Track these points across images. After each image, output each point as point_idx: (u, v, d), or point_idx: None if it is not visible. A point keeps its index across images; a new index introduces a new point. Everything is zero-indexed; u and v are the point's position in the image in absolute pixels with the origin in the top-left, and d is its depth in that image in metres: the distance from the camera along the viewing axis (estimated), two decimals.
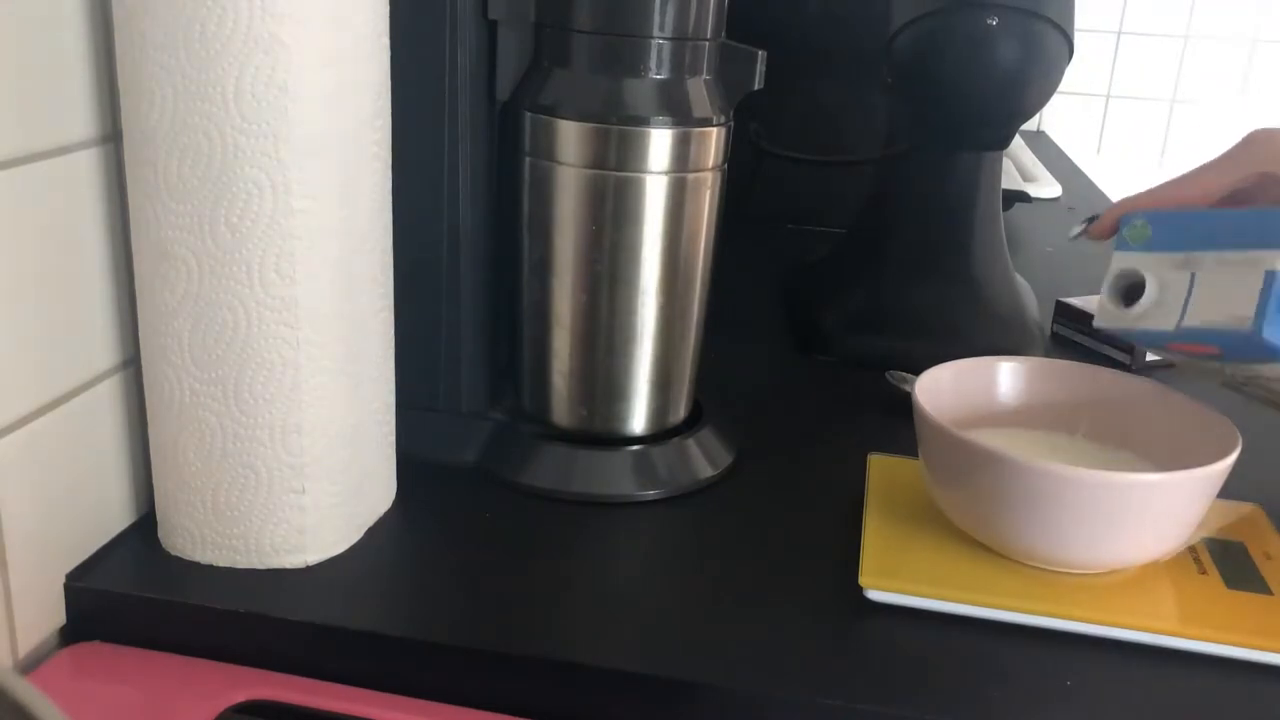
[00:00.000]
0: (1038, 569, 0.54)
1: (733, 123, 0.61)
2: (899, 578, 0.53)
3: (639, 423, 0.64)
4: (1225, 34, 1.99)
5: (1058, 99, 0.85)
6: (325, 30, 0.48)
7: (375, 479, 0.57)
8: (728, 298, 0.70)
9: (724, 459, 0.65)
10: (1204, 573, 0.56)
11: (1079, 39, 0.77)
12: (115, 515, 0.56)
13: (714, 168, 0.61)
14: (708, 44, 0.59)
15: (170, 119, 0.47)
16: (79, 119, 0.50)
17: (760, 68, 0.60)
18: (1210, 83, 2.02)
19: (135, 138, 0.48)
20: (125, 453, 0.56)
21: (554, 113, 0.58)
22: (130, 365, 0.55)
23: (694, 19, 0.58)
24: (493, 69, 0.59)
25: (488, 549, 0.56)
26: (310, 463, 0.52)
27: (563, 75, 0.58)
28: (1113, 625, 0.51)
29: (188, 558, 0.54)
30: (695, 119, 0.59)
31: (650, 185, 0.59)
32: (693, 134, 0.59)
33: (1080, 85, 2.03)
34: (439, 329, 0.62)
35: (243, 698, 0.48)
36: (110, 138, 0.52)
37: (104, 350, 0.53)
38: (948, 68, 0.78)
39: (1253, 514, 0.61)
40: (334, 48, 0.48)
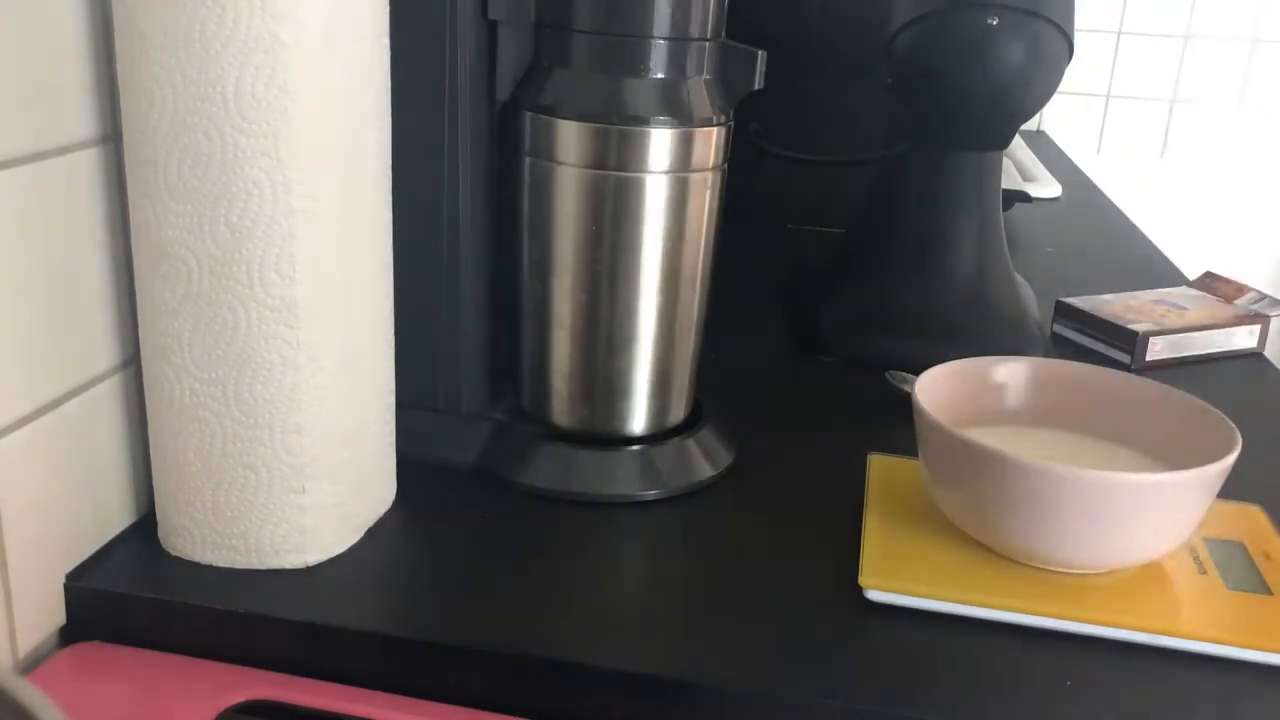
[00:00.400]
0: (1038, 569, 0.54)
1: (733, 123, 0.61)
2: (899, 578, 0.53)
3: (639, 423, 0.64)
4: (1225, 34, 1.99)
5: (1058, 99, 0.85)
6: (325, 30, 0.48)
7: (375, 479, 0.57)
8: (728, 298, 0.70)
9: (724, 459, 0.65)
10: (1204, 573, 0.56)
11: (1079, 39, 0.77)
12: (115, 515, 0.56)
13: (714, 168, 0.61)
14: (708, 44, 0.59)
15: (170, 119, 0.47)
16: (79, 119, 0.50)
17: (760, 68, 0.60)
18: (1210, 83, 2.02)
19: (135, 138, 0.48)
20: (125, 453, 0.56)
21: (554, 113, 0.58)
22: (130, 365, 0.55)
23: (694, 19, 0.58)
24: (493, 69, 0.59)
25: (488, 549, 0.56)
26: (310, 463, 0.52)
27: (563, 75, 0.58)
28: (1113, 625, 0.51)
29: (188, 558, 0.54)
30: (695, 119, 0.59)
31: (650, 185, 0.59)
32: (693, 134, 0.59)
33: (1080, 85, 2.03)
34: (439, 329, 0.62)
35: (243, 698, 0.48)
36: (110, 138, 0.52)
37: (104, 350, 0.53)
38: (948, 68, 0.78)
39: (1253, 514, 0.61)
40: (334, 48, 0.48)
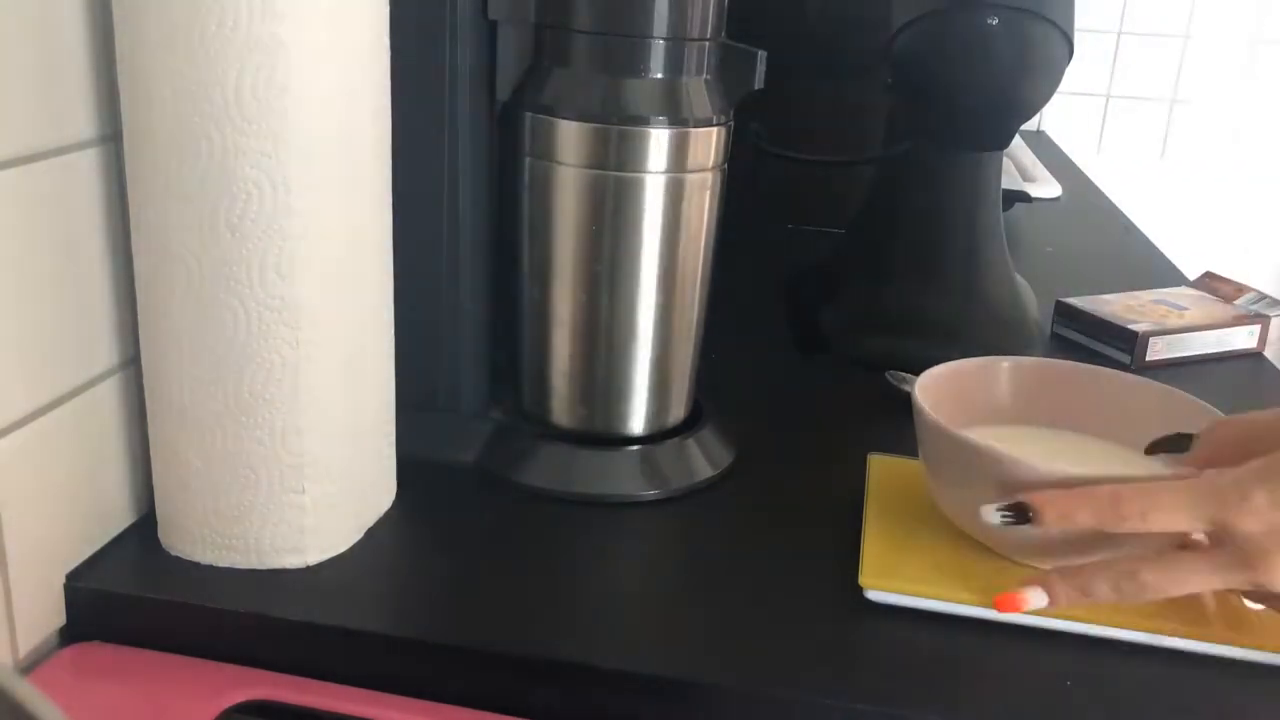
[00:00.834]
0: (1038, 569, 0.54)
1: (733, 123, 0.61)
2: (899, 578, 0.53)
3: (639, 423, 0.64)
4: (1225, 34, 1.99)
5: (1058, 99, 0.85)
6: (325, 30, 0.48)
7: (375, 479, 0.57)
8: (728, 298, 0.70)
9: (724, 459, 0.65)
10: None
11: (1079, 39, 0.77)
12: (115, 515, 0.55)
13: (714, 168, 0.61)
14: (708, 44, 0.59)
15: (170, 119, 0.47)
16: (79, 119, 0.50)
17: (760, 68, 0.60)
18: (1210, 83, 2.02)
19: (135, 138, 0.48)
20: (125, 453, 0.56)
21: (554, 113, 0.58)
22: (130, 365, 0.55)
23: (694, 19, 0.58)
24: (493, 69, 0.59)
25: (488, 549, 0.56)
26: (310, 463, 0.52)
27: (563, 75, 0.58)
28: (1113, 625, 0.51)
29: (188, 558, 0.54)
30: (695, 119, 0.59)
31: (650, 185, 0.59)
32: (693, 134, 0.59)
33: (1080, 85, 2.03)
34: (439, 329, 0.62)
35: (243, 698, 0.48)
36: (110, 138, 0.52)
37: (104, 350, 0.53)
38: (948, 68, 0.78)
39: None
40: (334, 48, 0.48)
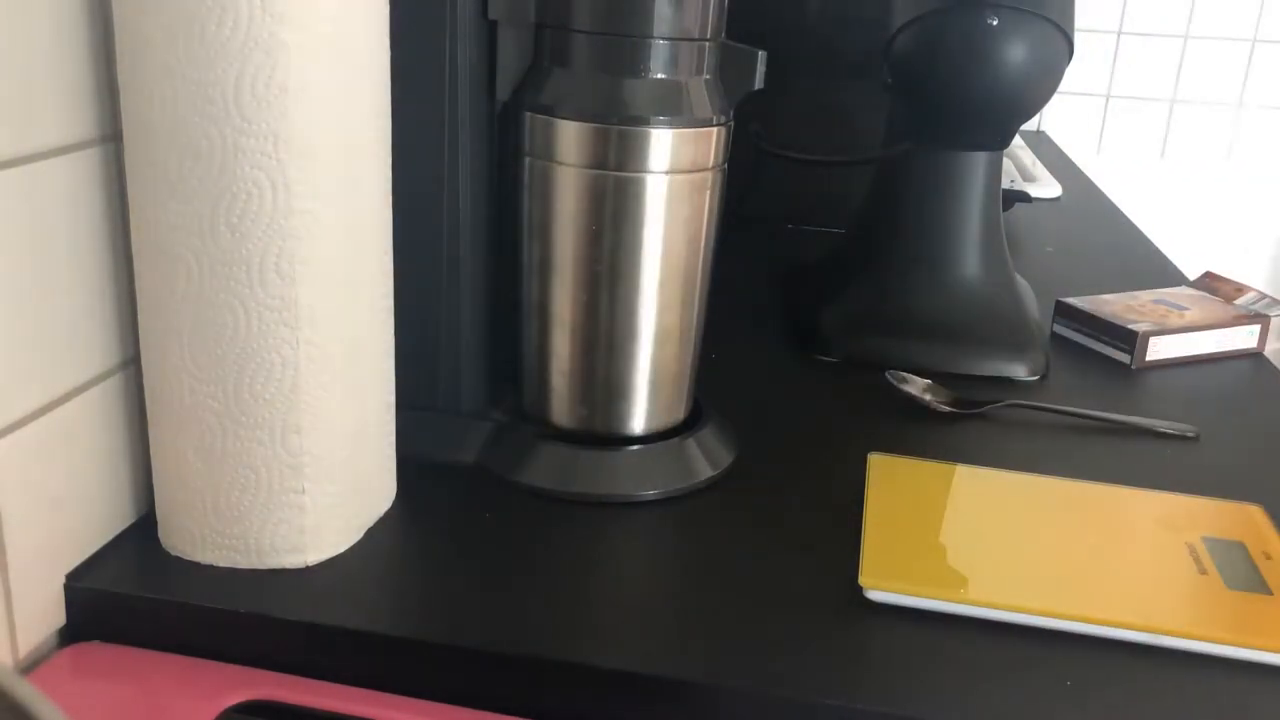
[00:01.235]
0: (1037, 569, 0.54)
1: (733, 123, 0.61)
2: (899, 578, 0.53)
3: (639, 423, 0.64)
4: (1225, 34, 1.99)
5: (1058, 99, 0.85)
6: (325, 30, 0.48)
7: (375, 479, 0.57)
8: (728, 298, 0.70)
9: (724, 459, 0.65)
10: (1204, 573, 0.56)
11: (1079, 39, 0.77)
12: (115, 515, 0.56)
13: (714, 168, 0.61)
14: (708, 44, 0.59)
15: (170, 119, 0.47)
16: (79, 119, 0.50)
17: (760, 68, 0.60)
18: (1210, 83, 2.02)
19: (135, 138, 0.48)
20: (125, 453, 0.56)
21: (554, 113, 0.58)
22: (130, 365, 0.55)
23: (694, 19, 0.58)
24: (493, 69, 0.59)
25: (488, 549, 0.56)
26: (310, 463, 0.52)
27: (563, 75, 0.58)
28: (1113, 625, 0.51)
29: (188, 558, 0.54)
30: (695, 119, 0.59)
31: (650, 185, 0.59)
32: (693, 134, 0.59)
33: (1080, 85, 2.03)
34: (439, 329, 0.62)
35: (243, 698, 0.48)
36: (110, 138, 0.52)
37: (104, 350, 0.53)
38: (948, 68, 0.78)
39: (1253, 514, 0.61)
40: (334, 47, 0.48)
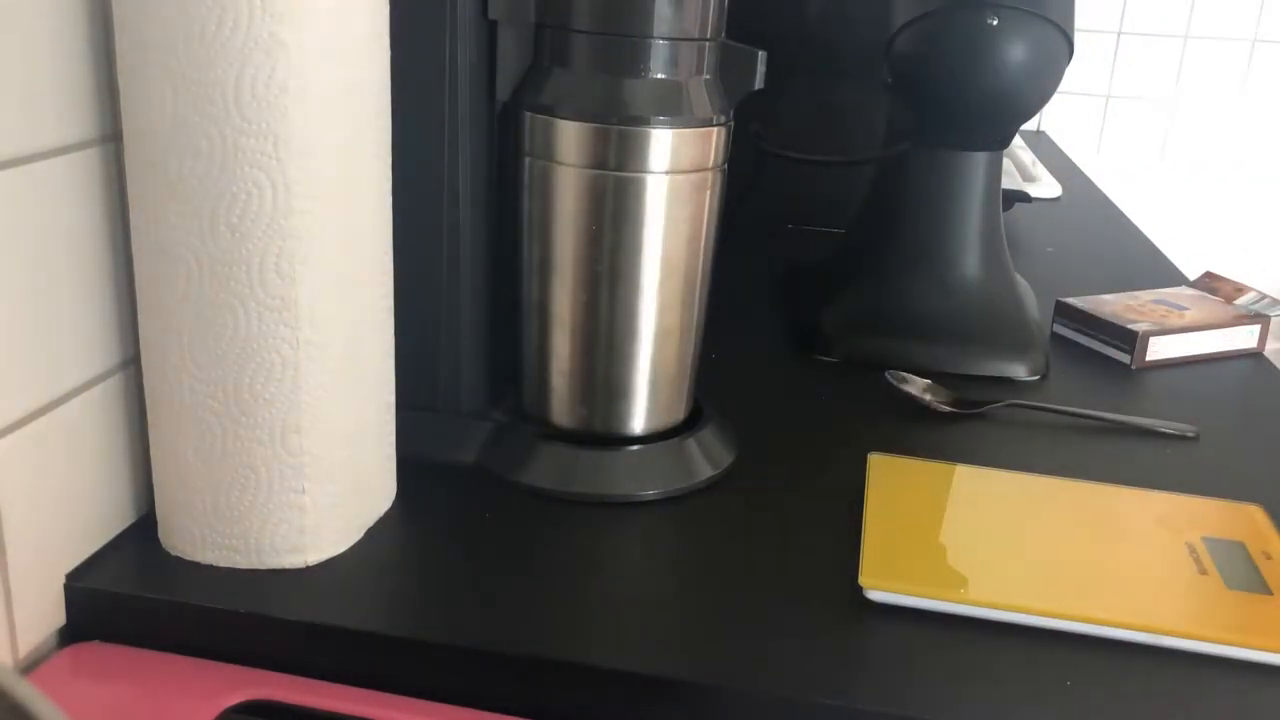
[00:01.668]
0: (1037, 569, 0.54)
1: (733, 123, 0.61)
2: (899, 578, 0.53)
3: (639, 422, 0.64)
4: (1225, 34, 1.99)
5: (1058, 99, 0.85)
6: (325, 30, 0.48)
7: (375, 479, 0.57)
8: (728, 298, 0.70)
9: (724, 459, 0.65)
10: (1204, 573, 0.56)
11: (1079, 39, 0.77)
12: (115, 515, 0.56)
13: (714, 168, 0.61)
14: (708, 44, 0.59)
15: (170, 119, 0.47)
16: (79, 119, 0.50)
17: (760, 68, 0.60)
18: (1210, 83, 2.02)
19: (135, 138, 0.48)
20: (125, 453, 0.56)
21: (554, 113, 0.58)
22: (130, 365, 0.55)
23: (694, 19, 0.58)
24: (493, 69, 0.59)
25: (488, 549, 0.56)
26: (310, 463, 0.52)
27: (563, 75, 0.58)
28: (1113, 625, 0.51)
29: (188, 558, 0.54)
30: (695, 119, 0.59)
31: (650, 185, 0.59)
32: (693, 134, 0.59)
33: (1080, 85, 2.03)
34: (439, 329, 0.62)
35: (243, 698, 0.48)
36: (110, 138, 0.52)
37: (104, 350, 0.53)
38: (948, 68, 0.78)
39: (1253, 514, 0.61)
40: (334, 47, 0.48)
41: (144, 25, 0.46)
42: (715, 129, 0.60)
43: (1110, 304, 0.89)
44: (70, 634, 0.52)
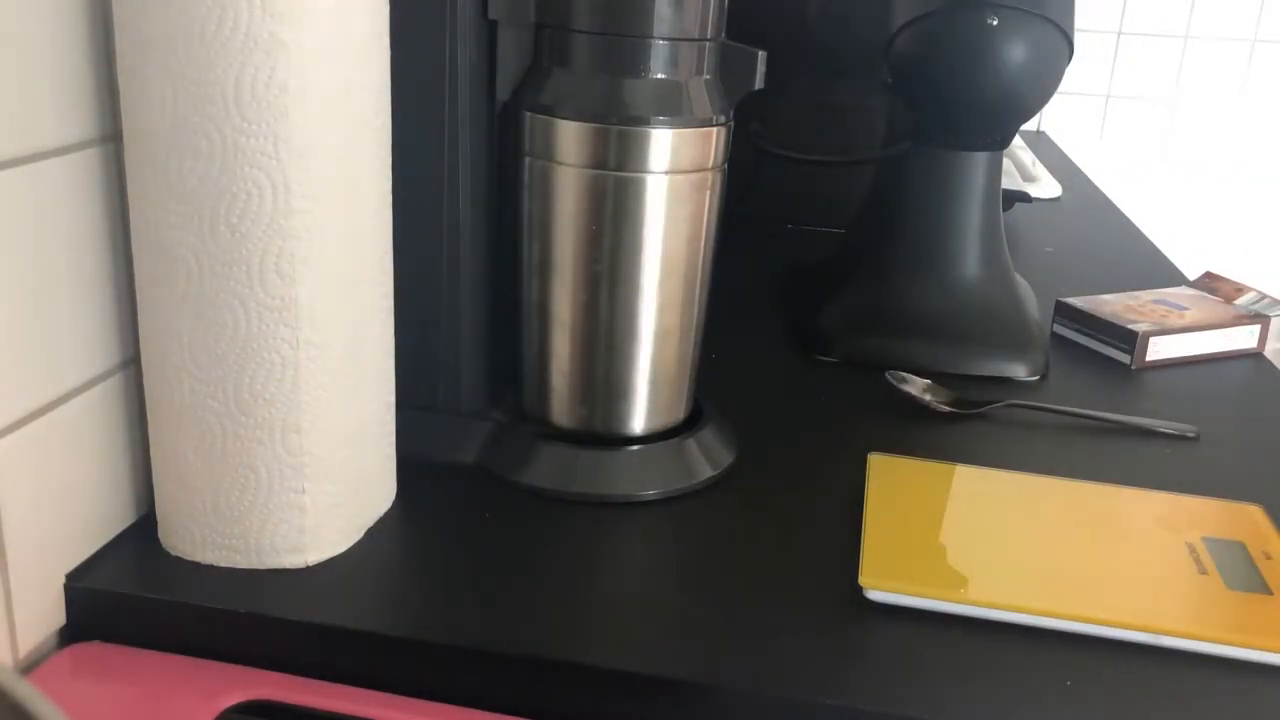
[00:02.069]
0: (1037, 569, 0.54)
1: (733, 123, 0.61)
2: (899, 578, 0.53)
3: (639, 422, 0.64)
4: (1225, 34, 1.99)
5: (1058, 99, 0.85)
6: (325, 30, 0.48)
7: (375, 479, 0.57)
8: (728, 298, 0.70)
9: (724, 459, 0.65)
10: (1204, 573, 0.56)
11: (1079, 39, 0.77)
12: (115, 515, 0.55)
13: (714, 168, 0.61)
14: (708, 44, 0.59)
15: (170, 119, 0.47)
16: (79, 119, 0.50)
17: (760, 68, 0.60)
18: (1210, 83, 2.02)
19: (135, 138, 0.48)
20: (125, 453, 0.56)
21: (554, 112, 0.58)
22: (130, 365, 0.55)
23: (694, 19, 0.58)
24: (493, 69, 0.59)
25: (488, 549, 0.56)
26: (310, 463, 0.52)
27: (563, 75, 0.58)
28: (1113, 625, 0.51)
29: (188, 558, 0.54)
30: (695, 119, 0.59)
31: (650, 185, 0.59)
32: (693, 134, 0.59)
33: (1080, 85, 2.03)
34: (439, 329, 0.62)
35: (243, 698, 0.48)
36: (110, 138, 0.52)
37: (104, 350, 0.53)
38: (948, 68, 0.78)
39: (1253, 514, 0.61)
40: (334, 47, 0.48)
41: (144, 25, 0.46)
42: (715, 129, 0.60)
43: (1110, 304, 0.89)
44: (70, 634, 0.52)
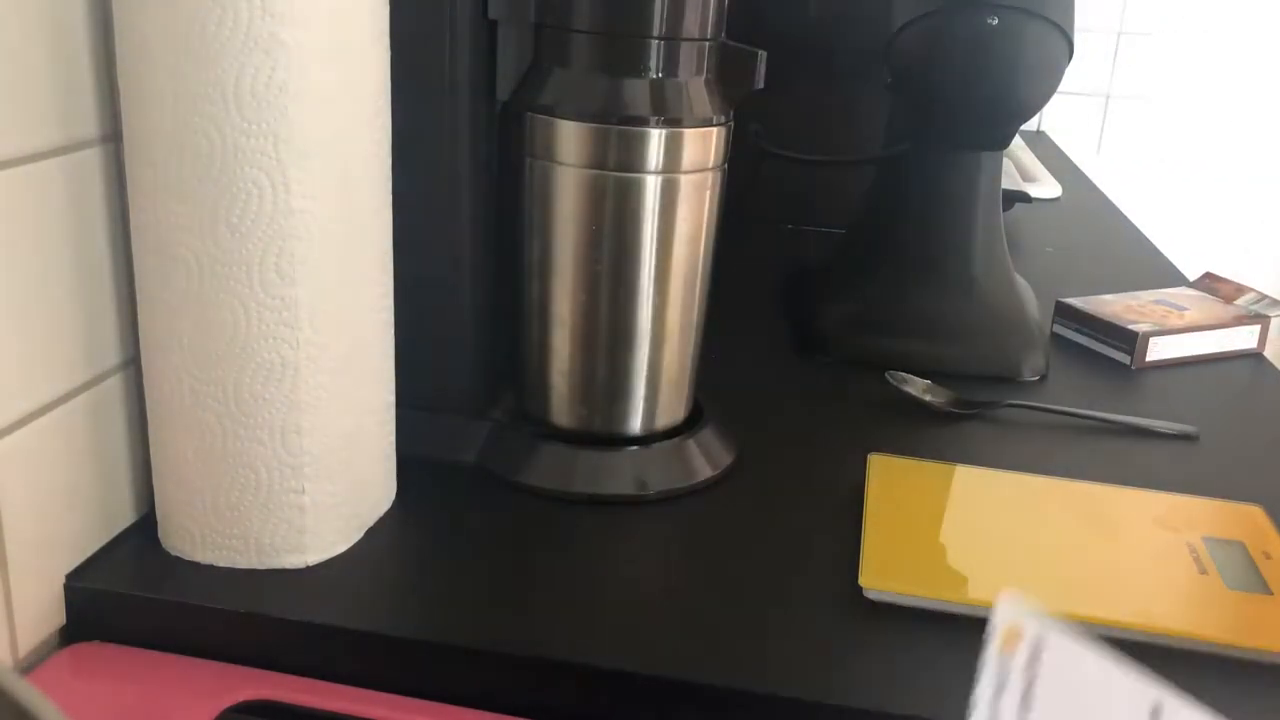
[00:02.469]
0: (1037, 569, 0.54)
1: (733, 123, 0.61)
2: (899, 578, 0.53)
3: (639, 422, 0.64)
4: (1226, 34, 1.99)
5: (1058, 99, 0.85)
6: (325, 30, 0.48)
7: (375, 479, 0.57)
8: (728, 298, 0.70)
9: (724, 459, 0.65)
10: (1204, 573, 0.56)
11: (1079, 39, 0.77)
12: (115, 515, 0.55)
13: (714, 168, 0.61)
14: (708, 44, 0.59)
15: (170, 119, 0.47)
16: (80, 119, 0.50)
17: (760, 68, 0.60)
18: (1210, 83, 2.02)
19: (135, 138, 0.48)
20: (125, 453, 0.56)
21: (554, 113, 0.58)
22: (130, 365, 0.55)
23: (694, 19, 0.58)
24: (493, 69, 0.59)
25: (488, 549, 0.56)
26: (310, 463, 0.52)
27: (563, 75, 0.58)
28: (1113, 625, 0.51)
29: (188, 558, 0.54)
30: (695, 119, 0.59)
31: (650, 185, 0.59)
32: (692, 134, 0.59)
33: (1080, 85, 2.03)
34: (439, 329, 0.62)
35: (243, 698, 0.48)
36: (110, 138, 0.52)
37: (104, 350, 0.53)
38: (948, 68, 0.78)
39: (1253, 514, 0.61)
40: (334, 48, 0.48)
41: (144, 25, 0.46)
42: (715, 129, 0.60)
43: (1110, 304, 0.89)
44: (70, 634, 0.52)
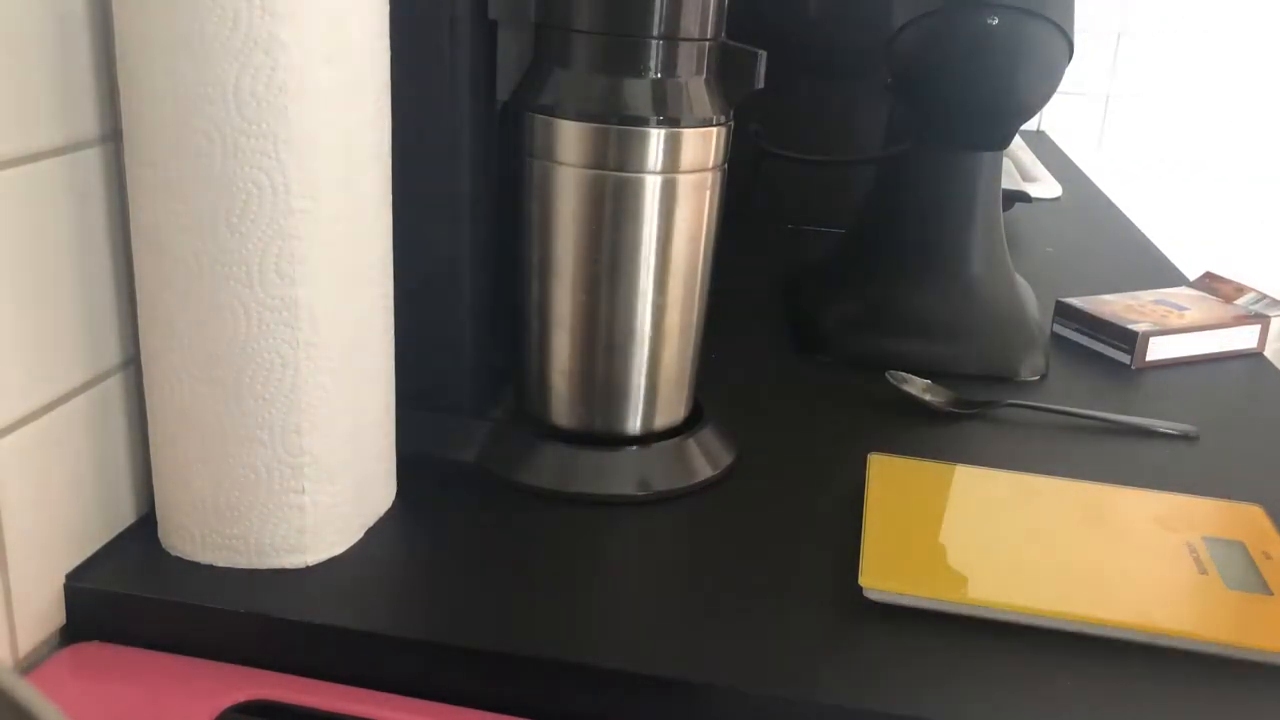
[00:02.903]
0: (1037, 569, 0.54)
1: (733, 123, 0.61)
2: (899, 578, 0.53)
3: (639, 422, 0.64)
4: (1226, 34, 1.99)
5: (1058, 99, 0.85)
6: (325, 30, 0.48)
7: (375, 479, 0.57)
8: (728, 298, 0.70)
9: (724, 459, 0.65)
10: (1204, 573, 0.56)
11: (1079, 39, 0.77)
12: (115, 515, 0.55)
13: (714, 168, 0.61)
14: (708, 44, 0.59)
15: (170, 119, 0.47)
16: (80, 119, 0.50)
17: (761, 68, 0.60)
18: (1210, 83, 2.02)
19: (135, 138, 0.48)
20: (125, 453, 0.56)
21: (554, 113, 0.58)
22: (130, 365, 0.55)
23: (694, 19, 0.58)
24: (493, 69, 0.59)
25: (488, 549, 0.56)
26: (310, 463, 0.52)
27: (563, 75, 0.58)
28: (1113, 625, 0.51)
29: (188, 558, 0.54)
30: (695, 119, 0.59)
31: (650, 185, 0.59)
32: (692, 134, 0.59)
33: (1080, 85, 2.03)
34: (439, 329, 0.62)
35: (243, 698, 0.48)
36: (110, 138, 0.52)
37: (104, 350, 0.53)
38: (948, 68, 0.78)
39: (1253, 514, 0.61)
40: (334, 48, 0.48)
41: (144, 25, 0.46)
42: (715, 129, 0.60)
43: (1110, 304, 0.89)
44: (70, 634, 0.52)
